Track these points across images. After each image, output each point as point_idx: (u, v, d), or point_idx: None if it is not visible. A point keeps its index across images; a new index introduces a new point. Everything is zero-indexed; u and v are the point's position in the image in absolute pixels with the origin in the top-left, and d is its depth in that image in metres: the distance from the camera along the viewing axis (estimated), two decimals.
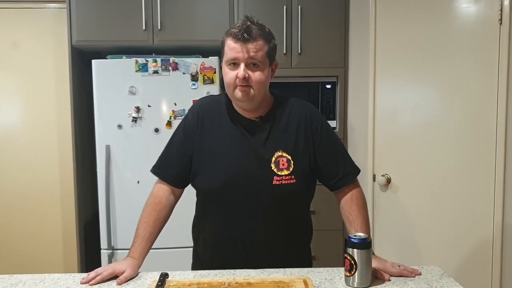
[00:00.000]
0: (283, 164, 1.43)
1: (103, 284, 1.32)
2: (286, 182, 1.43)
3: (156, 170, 1.55)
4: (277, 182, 1.42)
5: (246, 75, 1.37)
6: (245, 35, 1.36)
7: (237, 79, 1.38)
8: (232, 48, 1.38)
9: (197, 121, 1.50)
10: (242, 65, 1.38)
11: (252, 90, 1.39)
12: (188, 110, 1.58)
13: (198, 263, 1.59)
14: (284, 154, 1.44)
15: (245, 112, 1.48)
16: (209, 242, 1.54)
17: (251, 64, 1.39)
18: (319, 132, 1.49)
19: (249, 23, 1.39)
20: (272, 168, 1.43)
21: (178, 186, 1.54)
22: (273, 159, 1.44)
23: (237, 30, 1.37)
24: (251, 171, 1.43)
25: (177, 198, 1.55)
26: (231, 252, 1.48)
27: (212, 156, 1.47)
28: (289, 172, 1.43)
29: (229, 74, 1.40)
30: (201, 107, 1.54)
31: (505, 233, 2.28)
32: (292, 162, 1.44)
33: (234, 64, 1.39)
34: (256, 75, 1.39)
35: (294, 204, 1.50)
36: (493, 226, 2.30)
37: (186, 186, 1.56)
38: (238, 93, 1.40)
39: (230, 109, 1.50)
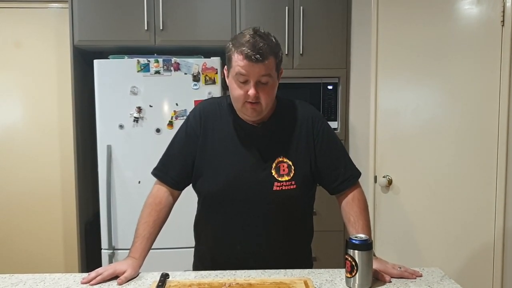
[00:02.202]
0: (283, 170, 1.43)
1: (103, 284, 1.32)
2: (286, 188, 1.42)
3: (157, 172, 1.55)
4: (278, 188, 1.42)
5: (256, 94, 1.35)
6: (258, 56, 1.31)
7: (247, 96, 1.36)
8: (242, 66, 1.33)
9: (199, 124, 1.50)
10: (252, 83, 1.35)
11: (261, 107, 1.38)
12: (190, 112, 1.57)
13: (200, 263, 1.59)
14: (285, 160, 1.44)
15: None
16: (210, 244, 1.55)
17: (261, 81, 1.36)
18: (321, 136, 1.48)
19: (259, 39, 1.33)
20: (273, 174, 1.43)
21: (177, 188, 1.54)
22: (274, 164, 1.43)
23: (250, 51, 1.32)
24: (252, 176, 1.43)
25: (175, 199, 1.55)
26: (231, 255, 1.48)
27: (213, 160, 1.46)
28: (289, 177, 1.43)
29: (238, 91, 1.37)
30: (203, 109, 1.53)
31: (507, 235, 2.27)
32: (292, 167, 1.44)
33: (244, 81, 1.36)
34: (266, 92, 1.37)
35: (294, 209, 1.49)
36: (495, 228, 2.30)
37: (184, 188, 1.56)
38: (247, 110, 1.39)
39: (232, 113, 1.49)
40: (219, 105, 1.53)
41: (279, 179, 1.42)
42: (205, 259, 1.57)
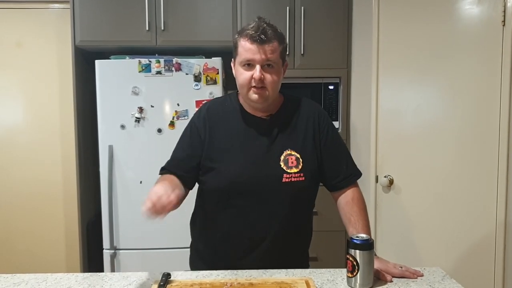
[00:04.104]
0: (292, 162, 1.45)
1: (105, 282, 1.32)
2: (295, 179, 1.44)
3: (164, 172, 1.53)
4: (287, 180, 1.43)
5: (262, 76, 1.38)
6: (263, 36, 1.37)
7: (252, 80, 1.39)
8: (248, 49, 1.38)
9: (203, 124, 1.51)
10: (258, 67, 1.38)
11: (267, 92, 1.41)
12: (194, 114, 1.58)
13: (199, 260, 1.59)
14: (293, 153, 1.46)
15: (255, 111, 1.49)
16: (215, 239, 1.54)
17: (266, 65, 1.40)
18: (326, 133, 1.51)
19: (264, 24, 1.40)
20: (282, 166, 1.44)
21: (184, 184, 1.50)
22: (282, 157, 1.45)
23: (254, 32, 1.37)
24: (261, 169, 1.44)
25: (185, 192, 1.49)
26: (238, 248, 1.49)
27: (221, 156, 1.47)
28: (298, 170, 1.45)
29: (244, 75, 1.41)
30: (208, 109, 1.54)
31: (508, 235, 2.27)
32: (301, 160, 1.46)
33: (249, 65, 1.40)
34: (271, 76, 1.40)
35: (302, 202, 1.51)
36: (496, 227, 2.30)
37: (191, 188, 1.55)
38: (253, 95, 1.41)
39: (239, 109, 1.51)
40: (223, 103, 1.56)
41: (288, 171, 1.44)
42: (206, 254, 1.57)
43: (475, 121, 2.34)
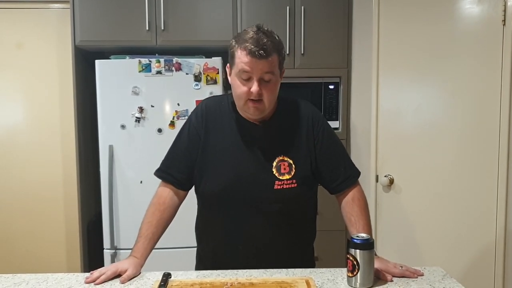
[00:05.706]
0: (284, 169, 1.43)
1: (106, 283, 1.32)
2: (287, 186, 1.43)
3: (160, 173, 1.55)
4: (279, 187, 1.42)
5: (260, 91, 1.35)
6: (262, 52, 1.31)
7: (250, 93, 1.35)
8: (246, 62, 1.33)
9: (201, 124, 1.50)
10: (255, 80, 1.34)
11: (264, 105, 1.38)
12: (192, 112, 1.57)
13: (201, 264, 1.59)
14: (286, 158, 1.44)
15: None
16: (211, 245, 1.55)
17: (264, 79, 1.36)
18: (321, 135, 1.49)
19: (263, 37, 1.33)
20: (274, 173, 1.43)
21: (182, 188, 1.53)
22: (274, 163, 1.44)
23: (253, 46, 1.31)
24: (253, 175, 1.43)
25: (181, 200, 1.55)
26: (233, 256, 1.48)
27: (214, 159, 1.46)
28: (290, 176, 1.43)
29: (241, 88, 1.37)
30: (205, 109, 1.53)
31: (508, 234, 2.27)
32: (293, 166, 1.44)
33: (247, 78, 1.36)
34: (269, 89, 1.37)
35: (296, 208, 1.49)
36: (496, 227, 2.30)
37: (190, 189, 1.56)
38: (250, 108, 1.39)
39: (234, 112, 1.49)
40: (220, 103, 1.53)
41: (280, 177, 1.43)
42: (206, 260, 1.57)
43: (475, 121, 2.34)
